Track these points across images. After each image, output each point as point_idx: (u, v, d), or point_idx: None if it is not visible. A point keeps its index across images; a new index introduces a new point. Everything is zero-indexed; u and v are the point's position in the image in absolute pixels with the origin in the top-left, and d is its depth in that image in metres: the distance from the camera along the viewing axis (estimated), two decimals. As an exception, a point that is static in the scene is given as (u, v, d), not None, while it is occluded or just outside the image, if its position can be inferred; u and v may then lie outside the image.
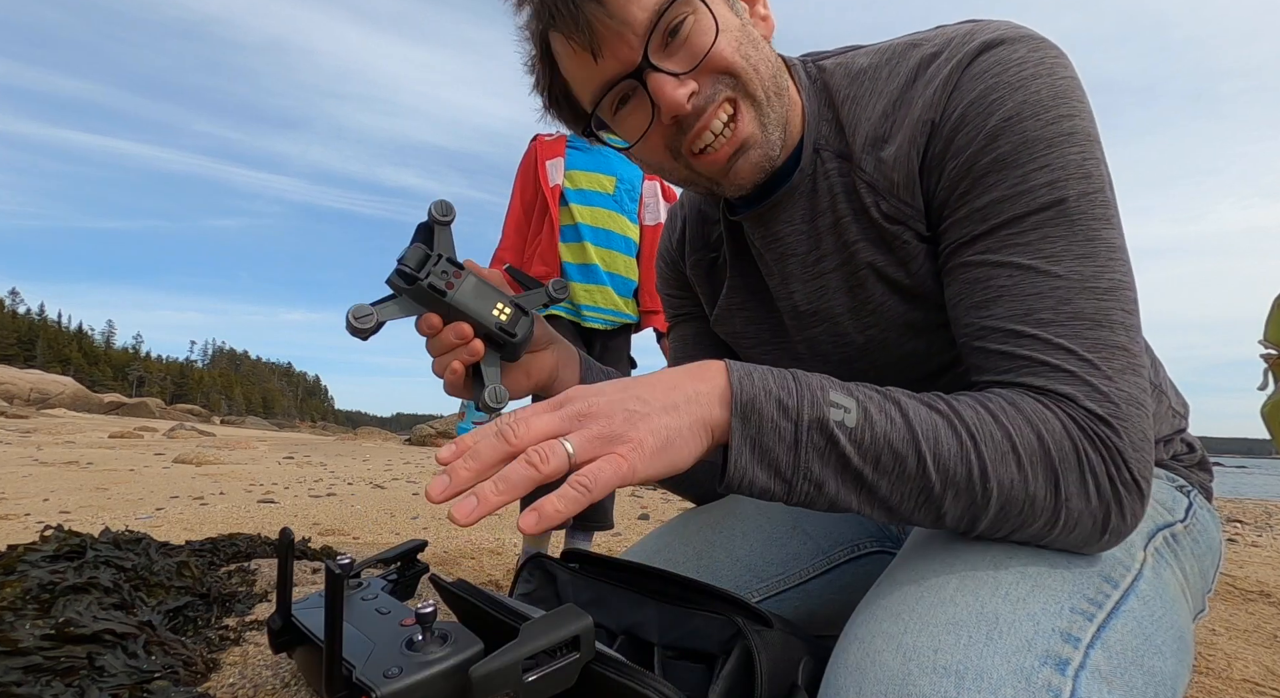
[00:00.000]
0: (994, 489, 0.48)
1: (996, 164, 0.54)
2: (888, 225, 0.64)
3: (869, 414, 0.49)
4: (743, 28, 0.61)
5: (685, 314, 0.96)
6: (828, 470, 0.48)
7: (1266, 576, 2.21)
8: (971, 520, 0.50)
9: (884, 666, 0.45)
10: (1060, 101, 0.54)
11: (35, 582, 0.67)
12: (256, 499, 3.68)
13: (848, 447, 0.48)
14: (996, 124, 0.54)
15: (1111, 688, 0.43)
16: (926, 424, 0.49)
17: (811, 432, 0.48)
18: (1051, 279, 0.52)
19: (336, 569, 0.43)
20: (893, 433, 0.49)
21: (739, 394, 0.48)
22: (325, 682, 0.43)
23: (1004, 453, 0.48)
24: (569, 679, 0.44)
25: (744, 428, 0.48)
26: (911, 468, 0.48)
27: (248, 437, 14.28)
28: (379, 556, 0.71)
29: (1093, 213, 0.53)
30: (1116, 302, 0.52)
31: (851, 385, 0.52)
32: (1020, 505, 0.48)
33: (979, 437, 0.48)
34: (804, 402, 0.48)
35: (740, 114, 0.61)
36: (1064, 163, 0.53)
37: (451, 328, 0.63)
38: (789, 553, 0.85)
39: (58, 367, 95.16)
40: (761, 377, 0.50)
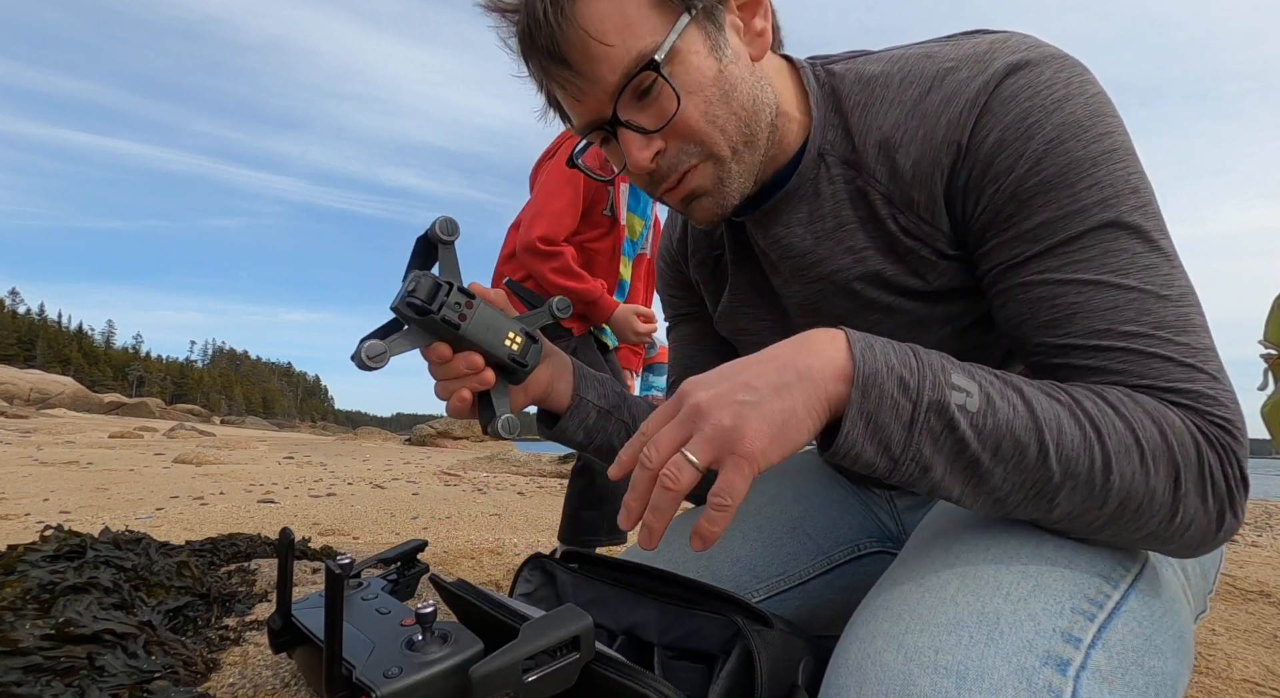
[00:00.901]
0: (1115, 483, 0.47)
1: (1044, 186, 0.54)
2: (905, 239, 0.64)
3: (991, 400, 0.48)
4: (719, 75, 0.60)
5: (686, 314, 0.96)
6: (939, 455, 0.47)
7: (1266, 576, 2.21)
8: (1082, 515, 0.49)
9: (885, 666, 0.45)
10: (1098, 119, 0.55)
11: (35, 582, 0.67)
12: (256, 499, 3.68)
13: (967, 432, 0.47)
14: (1039, 147, 0.54)
15: (1112, 688, 0.43)
16: (1049, 413, 0.48)
17: (929, 414, 0.47)
18: (1126, 291, 0.52)
19: (336, 569, 0.43)
20: (1015, 420, 0.47)
21: (861, 366, 0.47)
22: (325, 682, 0.43)
23: (1128, 446, 0.47)
24: (569, 680, 0.44)
25: (862, 401, 0.46)
26: (1032, 457, 0.47)
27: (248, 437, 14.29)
28: (379, 556, 0.71)
29: (1147, 224, 0.54)
30: (1191, 306, 0.52)
31: (971, 367, 0.50)
32: (1139, 501, 0.48)
33: (1103, 428, 0.47)
34: (925, 382, 0.47)
35: (693, 172, 0.63)
36: (1111, 179, 0.53)
37: (462, 358, 0.63)
38: (789, 553, 0.85)
39: (58, 367, 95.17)
40: (884, 349, 0.48)
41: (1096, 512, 0.48)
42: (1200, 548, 0.51)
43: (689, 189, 0.64)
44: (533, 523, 3.06)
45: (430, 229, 0.63)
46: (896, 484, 0.50)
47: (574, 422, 0.76)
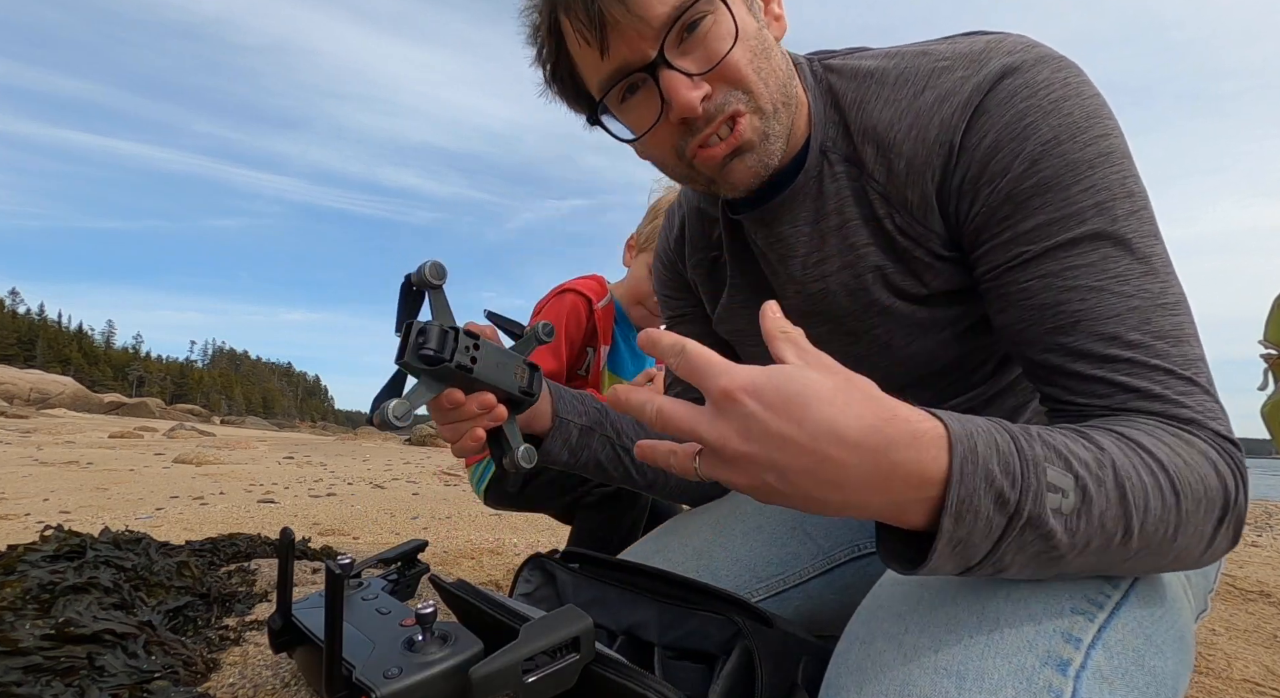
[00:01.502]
0: (1180, 540, 0.46)
1: (1040, 188, 0.54)
2: (900, 239, 0.64)
3: (1087, 493, 0.42)
4: (759, 33, 0.61)
5: (682, 315, 0.96)
6: (1023, 557, 0.43)
7: (1266, 576, 2.21)
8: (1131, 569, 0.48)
9: (885, 666, 0.44)
10: (1094, 121, 0.55)
11: (35, 582, 0.67)
12: (256, 499, 3.68)
13: (1060, 537, 0.42)
14: (1035, 149, 0.54)
15: (1112, 688, 0.43)
16: (1138, 490, 0.44)
17: (1025, 528, 0.41)
18: (1126, 299, 0.52)
19: (337, 569, 0.43)
20: (1108, 513, 0.43)
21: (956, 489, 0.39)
22: (325, 682, 0.43)
23: (1198, 501, 0.46)
24: (569, 681, 0.44)
25: (954, 531, 0.40)
26: (1116, 542, 0.44)
27: (248, 437, 14.28)
28: (380, 556, 0.71)
29: (1142, 229, 0.54)
30: (1184, 315, 0.53)
31: (1066, 447, 0.44)
32: (1188, 545, 0.47)
33: (1181, 490, 0.45)
34: (1026, 493, 0.41)
35: (741, 121, 0.60)
36: (1107, 183, 0.53)
37: (474, 399, 0.62)
38: (789, 553, 0.85)
39: (58, 367, 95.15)
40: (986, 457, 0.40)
41: (1150, 564, 0.48)
42: (1213, 560, 0.51)
43: (738, 140, 0.61)
44: (533, 523, 3.06)
45: (419, 273, 0.61)
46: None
47: (557, 443, 0.75)
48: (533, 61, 0.68)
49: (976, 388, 0.74)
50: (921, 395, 0.75)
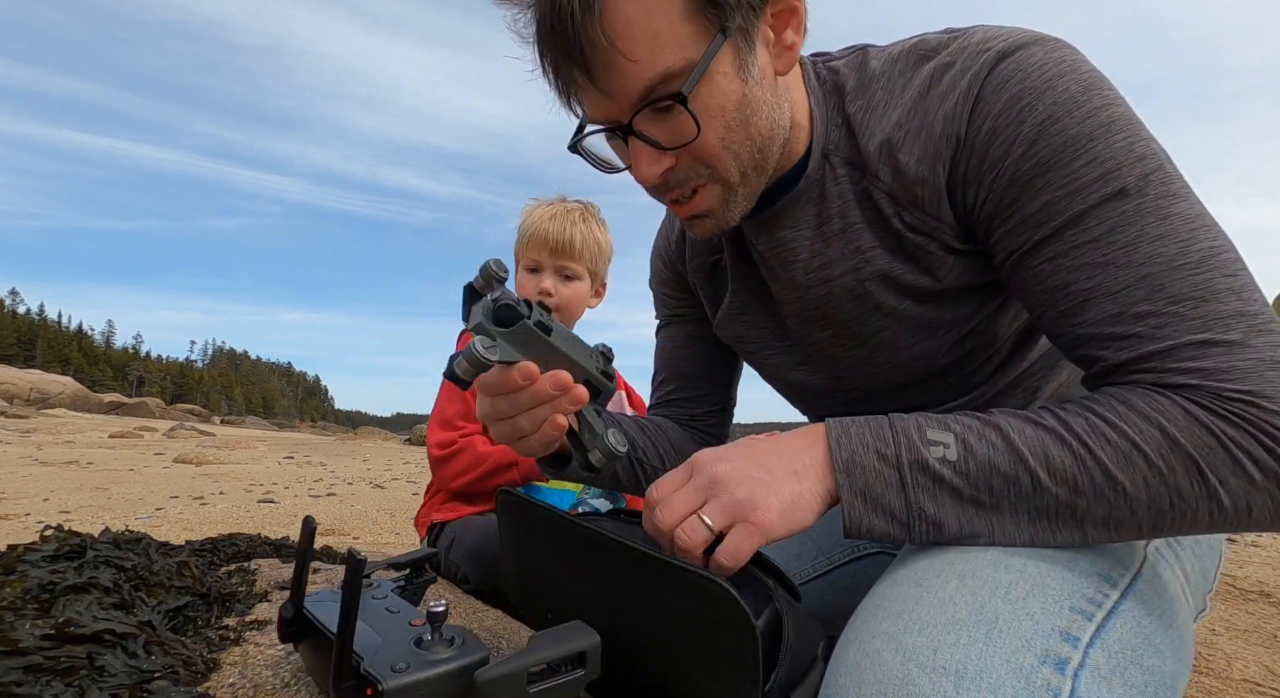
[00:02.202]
0: (1127, 489, 0.47)
1: (1041, 167, 0.53)
2: (911, 236, 0.64)
3: (968, 444, 0.50)
4: (742, 100, 0.57)
5: (679, 315, 0.96)
6: (943, 509, 0.50)
7: (1266, 576, 2.21)
8: (1119, 526, 0.49)
9: (884, 665, 0.45)
10: (1092, 93, 0.53)
11: (35, 582, 0.67)
12: (256, 499, 3.68)
13: (954, 480, 0.50)
14: (1031, 129, 0.54)
15: (1111, 687, 0.43)
16: (1033, 441, 0.49)
17: (915, 474, 0.50)
18: (1134, 269, 0.50)
19: (359, 555, 0.43)
20: (996, 457, 0.50)
21: (838, 453, 0.52)
22: (334, 668, 0.43)
23: (1125, 453, 0.47)
24: (572, 695, 0.44)
25: (850, 482, 0.51)
26: (1026, 486, 0.49)
27: (248, 437, 14.28)
28: (391, 559, 0.71)
29: (1157, 192, 0.51)
30: (1214, 270, 0.49)
31: (949, 418, 0.53)
32: (1169, 500, 0.47)
33: (1092, 442, 0.48)
34: (901, 447, 0.51)
35: (701, 191, 0.63)
36: (1112, 152, 0.52)
37: (549, 378, 0.57)
38: (790, 554, 0.85)
39: (58, 367, 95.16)
40: (859, 431, 0.53)
41: (1131, 521, 0.48)
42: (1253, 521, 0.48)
43: (695, 209, 0.65)
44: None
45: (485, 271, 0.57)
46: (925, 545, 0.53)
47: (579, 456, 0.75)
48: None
49: (978, 388, 0.73)
50: (922, 397, 0.75)
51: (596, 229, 1.44)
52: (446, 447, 1.32)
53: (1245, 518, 0.47)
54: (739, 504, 0.51)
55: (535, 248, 1.40)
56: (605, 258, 1.47)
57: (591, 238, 1.41)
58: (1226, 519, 0.47)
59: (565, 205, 1.44)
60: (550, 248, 1.38)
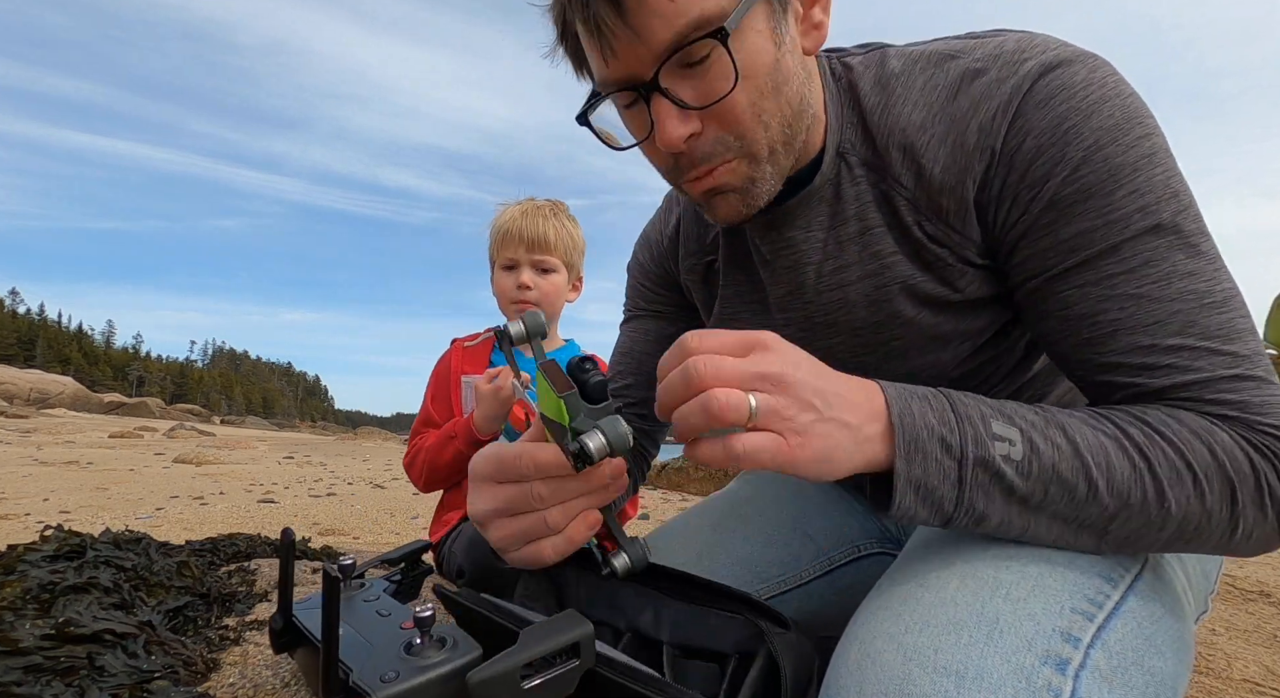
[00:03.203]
0: (1170, 508, 0.48)
1: (1083, 194, 0.53)
2: (931, 246, 0.62)
3: (1034, 445, 0.48)
4: (775, 64, 0.55)
5: (654, 311, 0.91)
6: (993, 505, 0.49)
7: (1266, 576, 2.21)
8: (1139, 540, 0.50)
9: (884, 666, 0.44)
10: (1135, 123, 0.53)
11: (35, 582, 0.67)
12: (256, 499, 3.68)
13: (1015, 480, 0.48)
14: (1076, 154, 0.53)
15: (1111, 688, 0.43)
16: (1096, 448, 0.48)
17: (976, 470, 0.48)
18: (1167, 303, 0.51)
19: (334, 572, 0.43)
20: (1061, 462, 0.48)
21: (901, 432, 0.48)
22: (321, 685, 0.43)
23: (1179, 471, 0.47)
24: (568, 687, 0.44)
25: (908, 469, 0.48)
26: (1082, 494, 0.48)
27: (248, 437, 14.28)
28: (382, 556, 0.71)
29: (1188, 228, 0.52)
30: (1235, 311, 0.51)
31: (1011, 410, 0.51)
32: (1197, 522, 0.48)
33: (1152, 456, 0.48)
34: (968, 438, 0.48)
35: (726, 165, 0.58)
36: (1151, 186, 0.52)
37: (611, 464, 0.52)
38: (790, 554, 0.85)
39: (58, 367, 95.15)
40: (921, 410, 0.49)
41: (1155, 535, 0.49)
42: (1264, 550, 0.51)
43: (716, 184, 0.59)
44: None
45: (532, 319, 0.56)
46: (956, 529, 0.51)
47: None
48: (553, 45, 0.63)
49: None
50: None
51: (568, 223, 1.45)
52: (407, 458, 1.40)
53: (1244, 545, 0.50)
54: (790, 419, 0.45)
55: (510, 245, 1.40)
56: (579, 251, 1.47)
57: (564, 231, 1.42)
58: (1230, 545, 0.50)
59: (534, 203, 1.45)
60: (525, 243, 1.39)
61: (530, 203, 1.46)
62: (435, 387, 1.47)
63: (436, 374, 1.49)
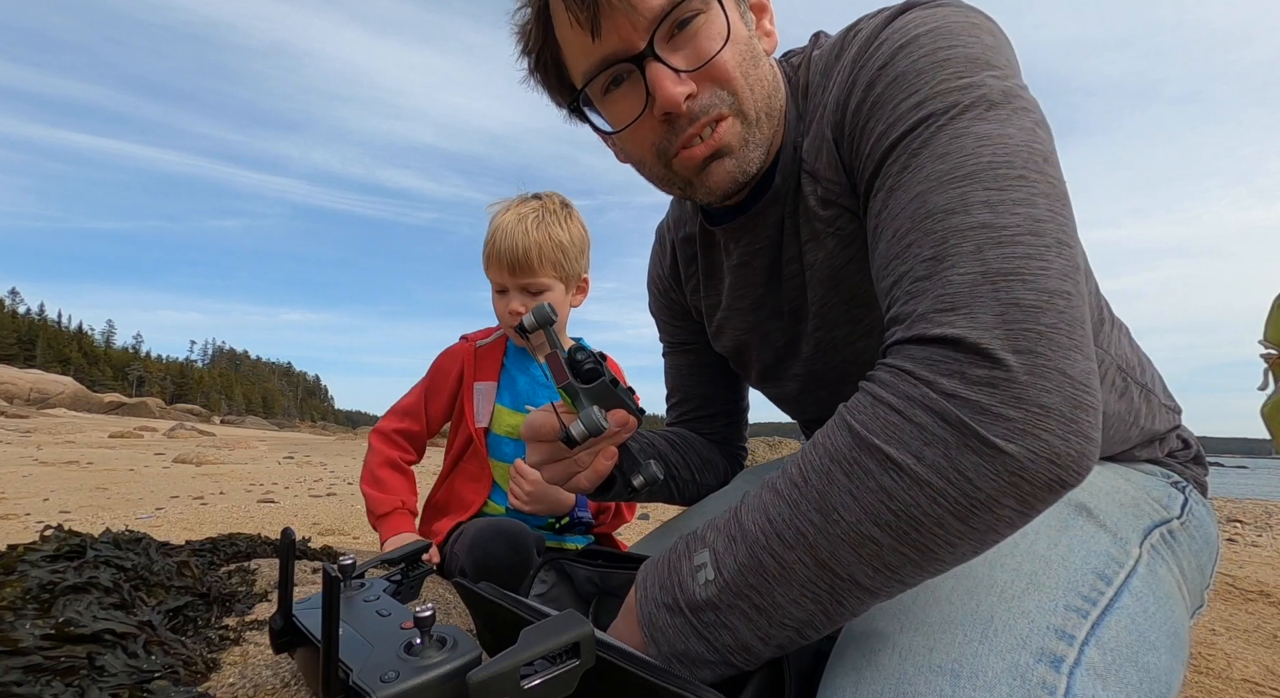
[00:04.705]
0: (847, 517, 0.41)
1: (875, 106, 0.53)
2: (822, 211, 0.63)
3: (716, 553, 0.47)
4: (749, 41, 0.61)
5: (680, 344, 0.98)
6: (739, 634, 0.45)
7: (1266, 576, 2.21)
8: (884, 566, 0.41)
9: (880, 665, 0.45)
10: (939, 37, 0.52)
11: (35, 582, 0.67)
12: (256, 499, 3.68)
13: (724, 598, 0.45)
14: (873, 73, 0.54)
15: (1106, 684, 0.43)
16: (756, 512, 0.46)
17: (696, 614, 0.46)
18: (910, 194, 0.47)
19: (334, 573, 0.43)
20: (740, 553, 0.45)
21: (641, 618, 0.49)
22: (321, 685, 0.43)
23: (825, 473, 0.43)
24: (568, 687, 0.44)
25: (659, 651, 0.48)
26: (773, 568, 0.43)
27: (248, 436, 14.27)
28: (383, 556, 0.71)
29: (968, 115, 0.47)
30: (978, 183, 0.44)
31: (712, 521, 0.50)
32: (886, 508, 0.39)
33: (803, 476, 0.44)
34: (677, 590, 0.48)
35: (723, 124, 0.60)
36: (934, 84, 0.49)
37: (614, 416, 0.60)
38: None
39: (58, 367, 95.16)
40: (651, 582, 0.50)
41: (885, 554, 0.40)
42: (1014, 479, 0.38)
43: (719, 143, 0.60)
44: (533, 523, 3.06)
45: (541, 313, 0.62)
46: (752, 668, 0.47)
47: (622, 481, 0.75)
48: (518, 52, 0.67)
49: None
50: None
51: (557, 230, 1.28)
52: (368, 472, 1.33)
53: (975, 492, 0.38)
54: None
55: (495, 270, 1.29)
56: (574, 255, 1.31)
57: (551, 244, 1.26)
58: (963, 504, 0.38)
59: (519, 211, 1.29)
60: (507, 267, 1.26)
61: (515, 211, 1.30)
62: (435, 381, 1.39)
63: (441, 369, 1.40)
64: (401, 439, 1.37)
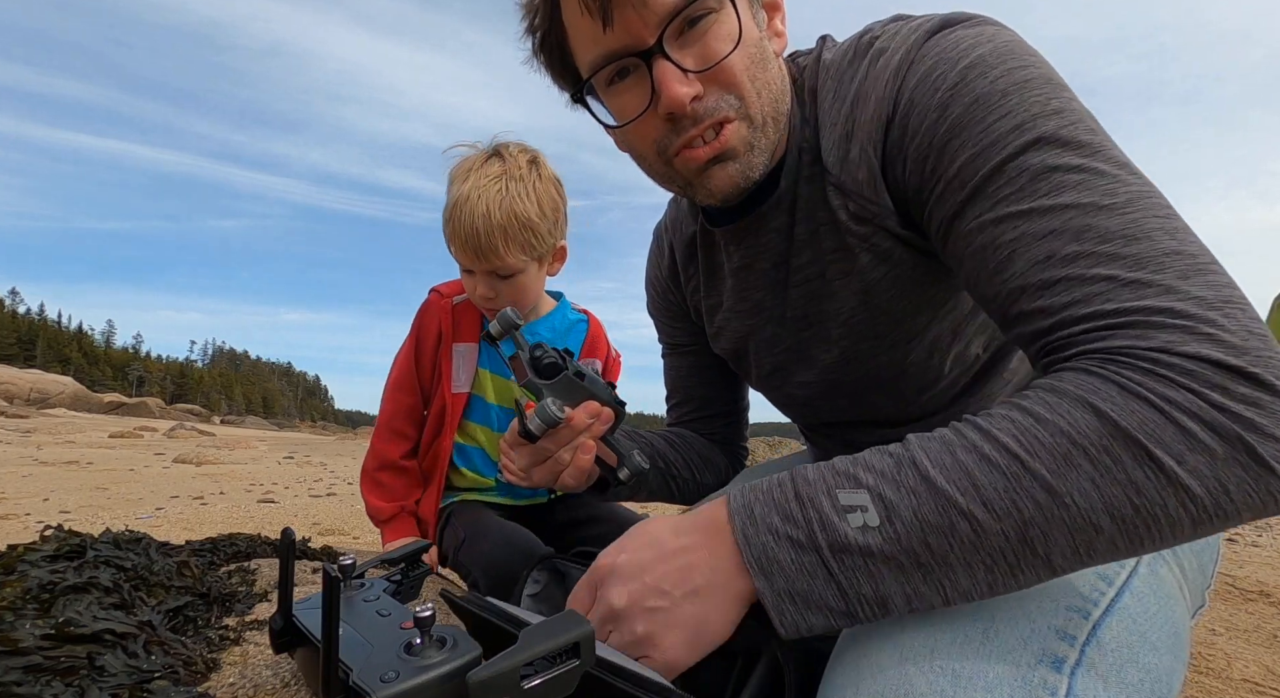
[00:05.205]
0: (1078, 503, 0.40)
1: (955, 130, 0.52)
2: (855, 227, 0.63)
3: (887, 500, 0.43)
4: (759, 43, 0.60)
5: (679, 345, 0.97)
6: (884, 585, 0.43)
7: (1266, 576, 2.21)
8: (1090, 550, 0.41)
9: (881, 666, 0.45)
10: (1007, 57, 0.52)
11: (35, 582, 0.67)
12: (256, 499, 3.68)
13: (885, 548, 0.42)
14: (944, 95, 0.53)
15: (1107, 685, 0.43)
16: (956, 473, 0.42)
17: (839, 557, 0.43)
18: (1061, 213, 0.46)
19: (334, 572, 0.43)
20: (922, 508, 0.42)
21: (747, 551, 0.45)
22: (321, 685, 0.43)
23: (1063, 455, 0.40)
24: (568, 687, 0.44)
25: (771, 586, 0.45)
26: (967, 534, 0.41)
27: (248, 436, 14.27)
28: (382, 556, 0.71)
29: (1078, 139, 0.48)
30: (1142, 209, 0.45)
31: (862, 465, 0.45)
32: (1128, 502, 0.39)
33: (1024, 452, 0.41)
34: (814, 526, 0.44)
35: (729, 126, 0.60)
36: (1025, 106, 0.50)
37: (584, 408, 0.63)
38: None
39: (58, 367, 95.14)
40: (764, 512, 0.46)
41: (1101, 540, 0.41)
42: (1262, 506, 0.39)
43: (723, 146, 0.60)
44: (533, 523, 3.06)
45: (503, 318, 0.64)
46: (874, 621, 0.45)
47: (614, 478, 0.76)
48: (522, 32, 0.65)
49: (960, 399, 0.73)
50: (901, 406, 0.74)
51: (523, 203, 1.11)
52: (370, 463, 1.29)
53: (1228, 503, 0.39)
54: (639, 641, 0.47)
55: (457, 251, 1.14)
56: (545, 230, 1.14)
57: (518, 224, 1.10)
58: (1208, 511, 0.39)
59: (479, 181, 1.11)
60: (471, 252, 1.11)
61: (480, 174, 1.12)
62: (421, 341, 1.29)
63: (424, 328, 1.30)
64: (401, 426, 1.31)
